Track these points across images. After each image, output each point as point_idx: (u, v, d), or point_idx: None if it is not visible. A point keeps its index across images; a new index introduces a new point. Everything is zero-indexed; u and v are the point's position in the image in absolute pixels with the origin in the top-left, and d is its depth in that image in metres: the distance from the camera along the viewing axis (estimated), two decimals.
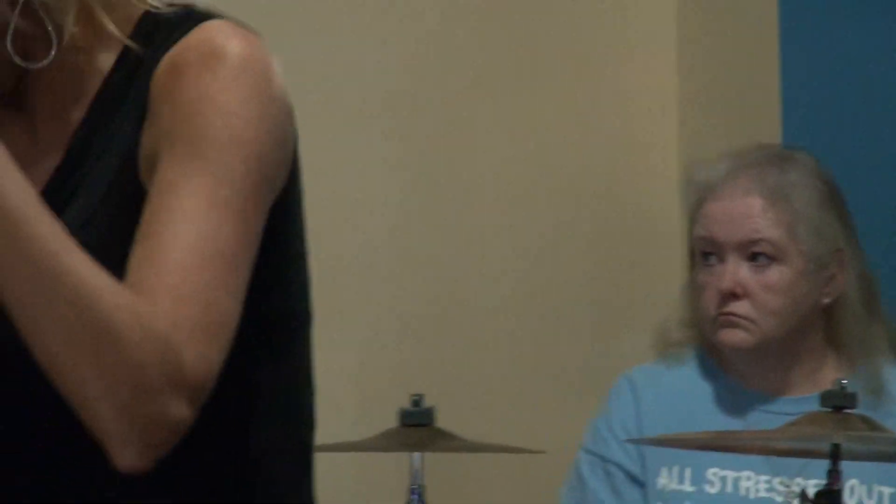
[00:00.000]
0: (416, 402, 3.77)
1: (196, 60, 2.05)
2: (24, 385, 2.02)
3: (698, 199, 3.95)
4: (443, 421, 3.80)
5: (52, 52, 2.07)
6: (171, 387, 1.87)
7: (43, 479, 2.12)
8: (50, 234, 1.89)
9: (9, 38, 2.04)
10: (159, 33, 2.11)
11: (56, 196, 2.03)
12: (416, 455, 3.74)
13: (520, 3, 5.00)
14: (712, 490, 3.90)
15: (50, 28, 2.07)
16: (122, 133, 2.08)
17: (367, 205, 4.82)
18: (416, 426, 3.75)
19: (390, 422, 3.80)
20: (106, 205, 2.06)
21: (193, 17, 2.09)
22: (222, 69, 2.04)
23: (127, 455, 1.91)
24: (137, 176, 2.04)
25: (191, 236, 1.97)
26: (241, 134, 2.02)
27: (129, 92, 2.11)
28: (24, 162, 1.97)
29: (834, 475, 3.26)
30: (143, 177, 2.02)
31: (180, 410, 1.89)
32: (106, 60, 2.13)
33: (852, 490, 3.71)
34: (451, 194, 4.87)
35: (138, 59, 2.11)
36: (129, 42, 2.12)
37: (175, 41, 2.07)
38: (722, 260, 3.85)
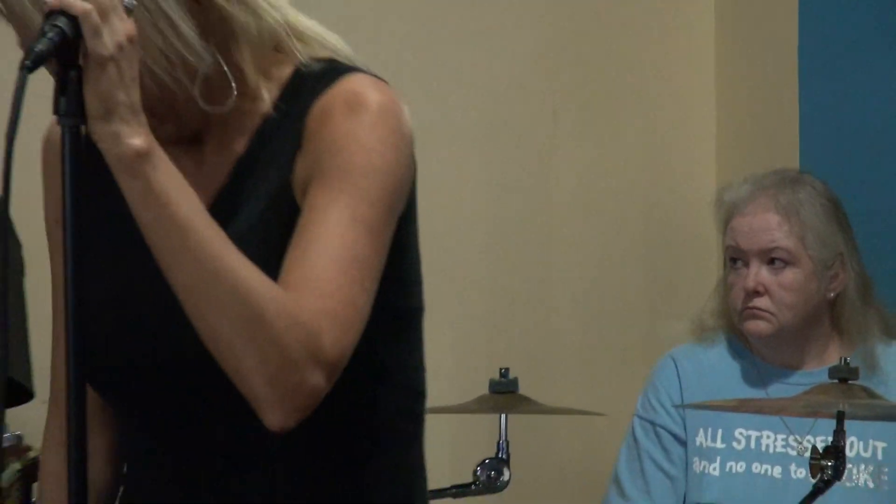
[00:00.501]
0: (503, 374, 3.79)
1: (343, 106, 2.13)
2: (196, 361, 2.09)
3: (727, 215, 4.02)
4: (524, 389, 3.80)
5: (233, 98, 2.17)
6: (310, 364, 1.98)
7: (213, 436, 2.20)
8: (214, 239, 2.00)
9: (197, 86, 2.13)
10: (309, 83, 2.18)
11: (220, 211, 2.10)
12: (503, 416, 3.76)
13: (589, 55, 4.87)
14: (739, 447, 3.95)
15: (231, 78, 2.17)
16: (279, 162, 2.16)
17: (469, 214, 4.79)
18: (503, 393, 3.78)
19: (482, 389, 3.84)
20: (264, 218, 2.14)
21: (338, 70, 2.18)
22: (364, 113, 2.12)
23: (274, 417, 2.03)
24: (292, 196, 2.12)
25: (334, 246, 2.06)
26: (377, 165, 2.11)
27: (284, 130, 2.18)
28: (193, 183, 2.07)
29: (839, 434, 3.31)
30: (297, 197, 2.11)
31: (317, 383, 2.00)
32: (265, 104, 2.20)
33: (852, 445, 3.71)
34: (534, 206, 4.84)
35: (292, 104, 2.19)
36: (278, 94, 2.21)
37: (323, 90, 2.16)
38: (746, 264, 3.92)
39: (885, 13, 4.76)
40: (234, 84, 2.19)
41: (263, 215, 2.16)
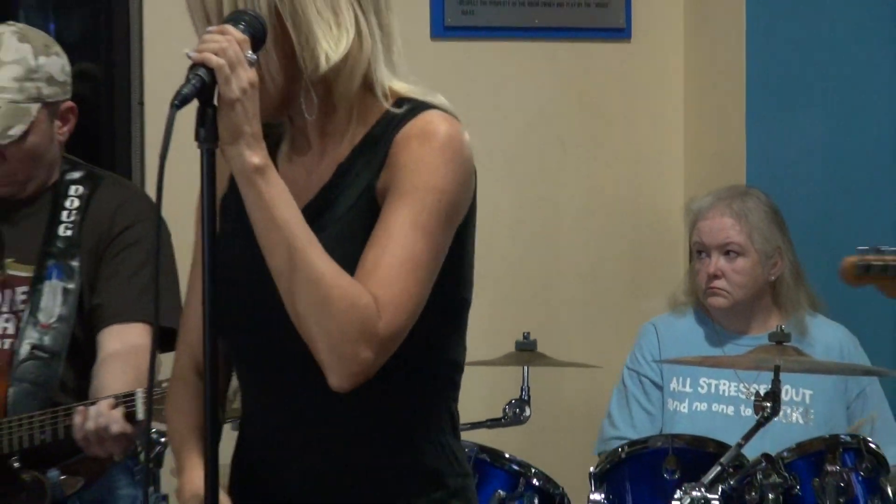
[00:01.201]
0: (525, 336, 3.82)
1: (418, 135, 2.14)
2: (284, 328, 2.10)
3: (693, 219, 4.10)
4: (541, 347, 3.81)
5: (335, 118, 2.18)
6: (363, 341, 2.01)
7: (300, 391, 2.18)
8: (302, 237, 2.03)
9: (303, 98, 2.14)
10: (398, 117, 2.17)
11: (318, 206, 2.15)
12: (525, 368, 3.74)
13: (588, 102, 4.84)
14: (702, 391, 4.02)
15: (337, 95, 2.18)
16: (369, 172, 2.16)
17: (501, 217, 4.76)
18: (525, 350, 3.79)
19: (510, 348, 3.84)
20: (349, 216, 2.15)
21: (418, 108, 2.18)
22: (433, 141, 2.13)
23: (333, 379, 2.06)
24: (374, 197, 2.13)
25: (395, 246, 2.07)
26: (439, 184, 2.11)
27: (375, 149, 2.17)
28: (299, 185, 2.15)
29: (776, 383, 3.37)
30: (378, 199, 2.12)
31: (367, 357, 2.01)
32: (363, 127, 2.20)
33: (786, 392, 3.74)
34: (548, 211, 4.86)
35: (383, 131, 2.18)
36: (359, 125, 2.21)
37: (406, 122, 2.15)
38: (709, 255, 4.00)
39: (820, 64, 4.73)
40: (342, 100, 2.20)
41: (352, 208, 2.16)
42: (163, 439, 2.92)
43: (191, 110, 2.00)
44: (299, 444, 2.21)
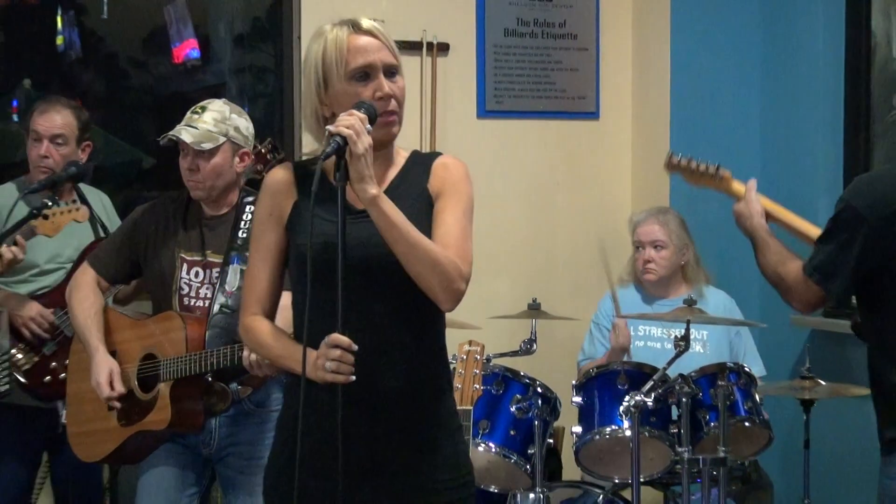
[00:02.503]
0: (534, 300, 3.72)
1: (451, 164, 2.18)
2: (399, 281, 2.07)
3: (634, 226, 4.08)
4: (544, 307, 3.72)
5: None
6: (459, 279, 2.05)
7: (391, 321, 2.12)
8: (411, 228, 2.02)
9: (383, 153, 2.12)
10: (424, 155, 2.20)
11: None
12: (534, 321, 3.65)
13: (567, 153, 4.74)
14: (640, 334, 3.96)
15: (392, 153, 2.17)
16: (419, 183, 2.16)
17: (514, 216, 4.67)
18: (533, 309, 3.70)
19: (524, 307, 3.74)
20: (413, 208, 2.11)
21: (434, 153, 2.22)
22: (460, 169, 2.17)
23: (446, 305, 2.08)
24: (428, 196, 2.14)
25: (456, 227, 2.10)
26: (467, 191, 2.15)
27: (416, 171, 2.17)
28: None
29: (687, 330, 3.35)
30: (432, 197, 2.14)
31: (462, 288, 2.06)
32: (400, 160, 2.20)
33: (693, 336, 3.59)
34: (546, 215, 4.76)
35: (417, 162, 2.19)
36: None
37: (435, 157, 2.18)
38: (643, 248, 3.99)
39: (714, 133, 4.53)
40: (392, 154, 2.18)
41: (414, 203, 2.13)
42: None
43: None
44: (385, 358, 2.10)
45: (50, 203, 3.16)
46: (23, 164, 3.67)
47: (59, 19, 4.69)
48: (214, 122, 2.94)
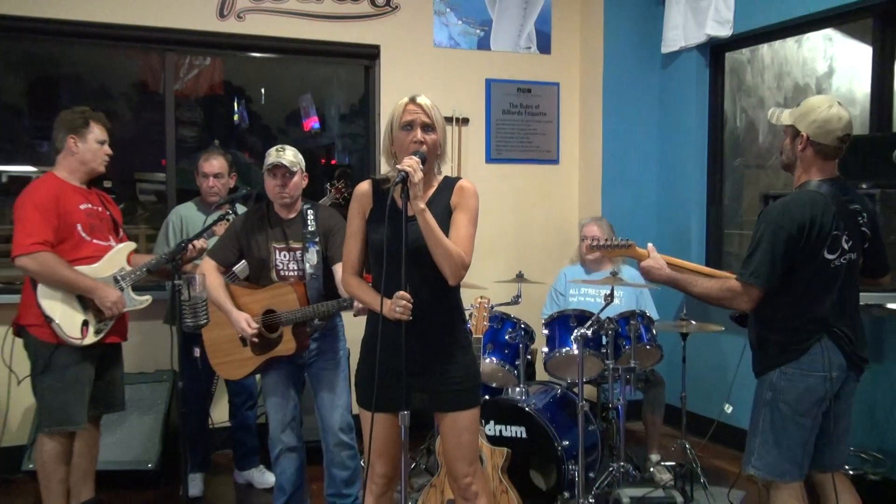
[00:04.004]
0: (520, 272, 3.58)
1: (465, 186, 2.03)
2: (428, 266, 1.97)
3: (581, 227, 3.91)
4: (527, 275, 3.64)
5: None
6: (462, 267, 1.88)
7: (421, 294, 2.01)
8: (442, 235, 1.86)
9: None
10: (452, 179, 2.06)
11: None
12: (520, 285, 3.54)
13: (541, 190, 4.57)
14: (582, 293, 3.79)
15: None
16: (446, 199, 2.03)
17: (505, 229, 4.49)
18: (520, 277, 3.56)
19: (513, 276, 3.62)
20: (440, 217, 2.00)
21: (458, 178, 2.06)
22: (470, 190, 2.03)
23: (452, 280, 1.97)
24: (450, 208, 1.99)
25: (464, 232, 1.98)
26: (475, 207, 2.01)
27: (445, 190, 2.04)
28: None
29: (613, 291, 3.20)
30: (453, 209, 1.98)
31: (463, 273, 1.86)
32: (435, 183, 2.06)
33: (617, 295, 3.55)
34: (526, 216, 4.57)
35: (447, 184, 2.05)
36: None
37: (458, 181, 2.04)
38: (586, 240, 3.60)
39: (640, 164, 4.40)
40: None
41: (441, 213, 2.01)
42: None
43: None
44: (427, 306, 2.00)
45: (232, 215, 2.98)
46: (194, 191, 3.51)
47: (235, 104, 4.84)
48: (294, 155, 2.78)
